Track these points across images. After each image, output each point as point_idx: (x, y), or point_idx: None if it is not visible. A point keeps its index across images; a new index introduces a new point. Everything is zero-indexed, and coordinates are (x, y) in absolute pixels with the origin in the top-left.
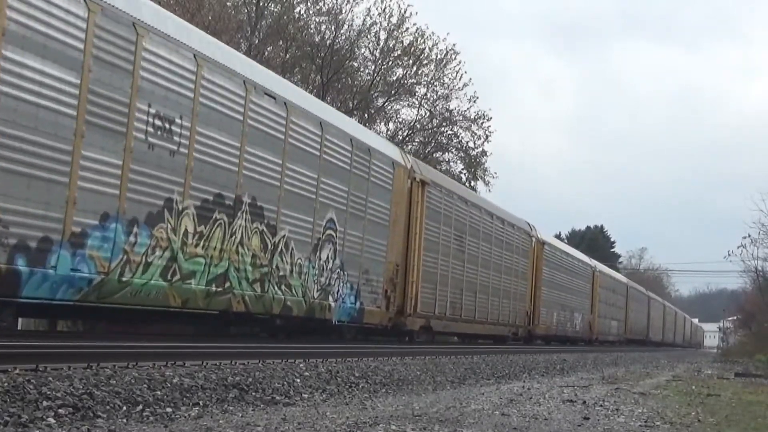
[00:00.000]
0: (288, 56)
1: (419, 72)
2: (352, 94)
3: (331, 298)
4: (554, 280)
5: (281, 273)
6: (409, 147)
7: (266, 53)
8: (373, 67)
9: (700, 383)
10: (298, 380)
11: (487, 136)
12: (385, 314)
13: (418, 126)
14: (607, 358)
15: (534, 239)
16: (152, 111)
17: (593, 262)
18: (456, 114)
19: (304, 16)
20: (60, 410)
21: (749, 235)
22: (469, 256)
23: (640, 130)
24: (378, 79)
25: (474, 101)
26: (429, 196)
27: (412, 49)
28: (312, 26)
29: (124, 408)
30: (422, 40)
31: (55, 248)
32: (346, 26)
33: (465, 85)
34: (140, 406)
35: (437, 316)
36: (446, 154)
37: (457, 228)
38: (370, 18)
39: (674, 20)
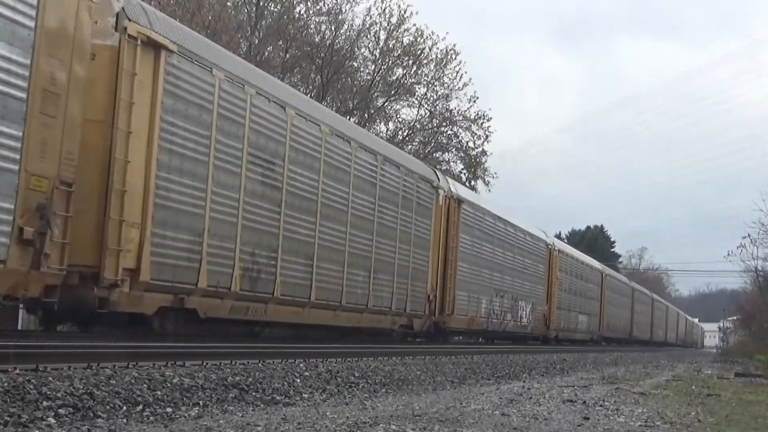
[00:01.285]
0: (288, 56)
1: (419, 72)
2: (352, 94)
3: None
4: (482, 255)
5: None
6: (409, 147)
7: (266, 53)
8: (373, 67)
9: (700, 383)
10: (298, 380)
11: (487, 136)
12: (24, 277)
13: (418, 126)
14: (607, 358)
15: (442, 193)
16: None
17: (550, 239)
18: (456, 114)
19: (304, 16)
20: (60, 410)
21: (749, 235)
22: (295, 198)
23: (641, 129)
24: (378, 79)
25: (474, 101)
26: (172, 71)
27: (412, 49)
28: (312, 26)
29: (124, 408)
30: (422, 40)
31: None
32: (346, 26)
33: (465, 84)
34: (140, 406)
35: (211, 291)
36: (446, 154)
37: (264, 147)
38: (370, 18)
39: (677, 17)
